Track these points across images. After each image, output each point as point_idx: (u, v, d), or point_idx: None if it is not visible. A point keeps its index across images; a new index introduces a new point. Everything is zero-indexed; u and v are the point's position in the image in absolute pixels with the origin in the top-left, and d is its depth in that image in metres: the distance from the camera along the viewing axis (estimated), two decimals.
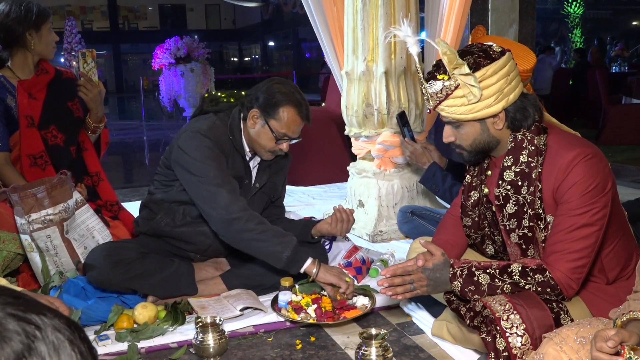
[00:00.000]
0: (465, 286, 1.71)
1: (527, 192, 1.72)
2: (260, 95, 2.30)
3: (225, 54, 33.04)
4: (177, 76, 10.21)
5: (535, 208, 1.71)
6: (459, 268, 1.73)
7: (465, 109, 1.71)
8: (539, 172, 1.70)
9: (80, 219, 2.35)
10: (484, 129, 1.75)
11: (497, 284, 1.69)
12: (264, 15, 26.40)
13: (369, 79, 3.22)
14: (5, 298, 0.56)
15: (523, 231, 1.76)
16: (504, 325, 1.60)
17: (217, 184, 2.21)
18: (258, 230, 2.17)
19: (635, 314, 1.29)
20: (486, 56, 1.69)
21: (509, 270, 1.70)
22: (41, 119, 2.53)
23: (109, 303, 2.17)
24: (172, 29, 25.67)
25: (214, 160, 2.24)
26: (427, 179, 2.75)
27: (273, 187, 2.53)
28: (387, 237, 3.21)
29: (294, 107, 2.28)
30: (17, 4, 2.47)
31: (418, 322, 2.18)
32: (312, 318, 2.15)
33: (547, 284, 1.66)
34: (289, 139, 2.32)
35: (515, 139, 1.75)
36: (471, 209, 1.94)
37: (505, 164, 1.76)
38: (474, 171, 1.94)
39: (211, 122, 2.34)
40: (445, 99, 1.72)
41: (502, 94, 1.69)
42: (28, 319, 0.55)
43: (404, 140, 2.92)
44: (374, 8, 3.14)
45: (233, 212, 2.18)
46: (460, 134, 1.79)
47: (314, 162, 4.69)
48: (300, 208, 3.86)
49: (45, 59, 2.59)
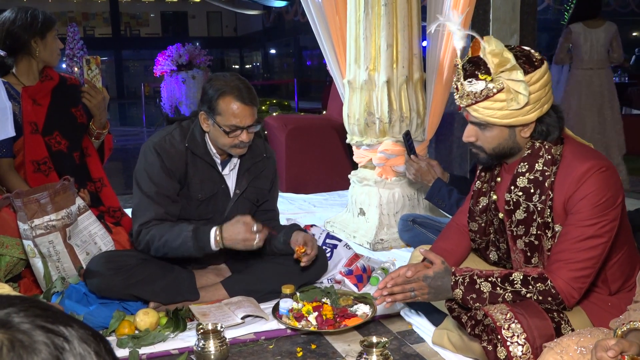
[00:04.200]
0: (467, 294, 1.72)
1: (538, 199, 1.72)
2: (202, 96, 2.31)
3: (227, 61, 33.15)
4: (179, 83, 10.24)
5: (545, 217, 1.71)
6: (460, 276, 1.74)
7: (502, 113, 1.65)
8: (552, 181, 1.70)
9: (83, 225, 2.36)
10: (511, 135, 1.72)
11: (499, 292, 1.69)
12: (266, 23, 26.50)
13: (371, 88, 3.24)
14: (35, 310, 0.57)
15: (530, 239, 1.76)
16: (505, 334, 1.60)
17: (135, 214, 2.33)
18: (162, 244, 2.25)
19: (635, 324, 1.30)
20: (530, 63, 1.63)
21: (510, 278, 1.70)
22: (45, 125, 2.54)
23: (111, 309, 2.18)
24: (174, 36, 25.78)
25: (150, 182, 2.28)
26: (432, 195, 2.77)
27: (257, 192, 2.49)
28: (387, 245, 3.22)
29: (231, 96, 2.22)
30: (23, 11, 2.49)
31: (419, 331, 2.19)
32: (313, 326, 2.15)
33: (548, 293, 1.66)
34: (241, 129, 2.25)
35: (533, 146, 1.74)
36: (479, 214, 1.93)
37: (520, 170, 1.75)
38: (484, 177, 1.93)
39: (167, 132, 2.36)
40: (484, 101, 1.65)
41: (539, 104, 1.66)
42: (56, 331, 0.56)
43: (409, 159, 2.93)
44: (376, 17, 3.17)
45: (140, 243, 2.29)
46: (485, 136, 1.73)
47: (315, 169, 4.71)
48: (301, 216, 3.87)
49: (49, 66, 2.61)
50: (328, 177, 4.68)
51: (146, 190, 2.29)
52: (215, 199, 2.40)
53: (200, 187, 2.36)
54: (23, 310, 0.57)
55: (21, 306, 0.57)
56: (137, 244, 2.32)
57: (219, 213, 2.42)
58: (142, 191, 2.30)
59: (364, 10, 3.18)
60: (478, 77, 1.64)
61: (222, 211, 2.42)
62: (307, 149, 4.71)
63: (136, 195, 2.33)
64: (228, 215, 2.41)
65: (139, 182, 2.32)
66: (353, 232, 3.37)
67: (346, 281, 2.56)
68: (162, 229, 2.25)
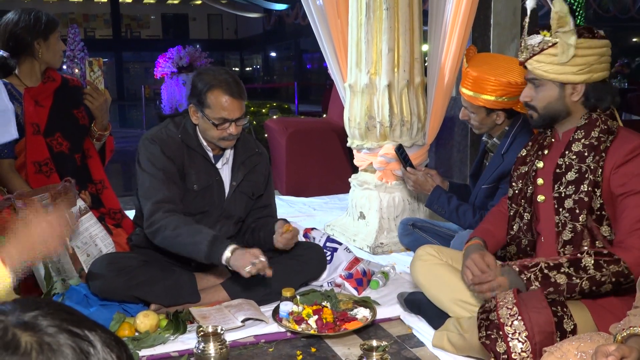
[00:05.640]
0: (544, 288, 1.72)
1: (592, 160, 1.78)
2: (191, 90, 2.34)
3: (227, 63, 33.09)
4: (179, 85, 10.25)
5: (596, 176, 1.77)
6: (530, 273, 1.74)
7: (552, 67, 1.81)
8: (607, 146, 1.78)
9: (84, 226, 2.36)
10: (560, 96, 1.85)
11: (575, 282, 1.70)
12: (266, 25, 26.51)
13: (372, 92, 3.25)
14: (61, 314, 0.59)
15: (580, 196, 1.79)
16: (507, 331, 1.62)
17: (147, 196, 2.30)
18: (174, 235, 2.22)
19: (635, 330, 1.31)
20: (589, 32, 1.81)
21: (582, 264, 1.71)
22: (47, 127, 2.55)
23: (111, 311, 2.18)
24: (175, 38, 25.76)
25: (154, 167, 2.29)
26: (432, 202, 2.78)
27: (252, 186, 2.51)
28: (387, 249, 3.22)
29: (220, 89, 2.25)
30: (27, 13, 2.50)
31: (419, 335, 2.19)
32: (313, 329, 2.15)
33: (621, 274, 1.68)
34: (229, 122, 2.28)
35: (590, 117, 1.84)
36: (516, 180, 2.01)
37: (576, 137, 1.84)
38: (531, 147, 2.02)
39: (162, 126, 2.40)
40: (539, 54, 1.83)
41: (589, 68, 1.79)
42: (82, 335, 0.57)
43: (405, 171, 2.94)
44: (378, 21, 3.18)
45: (153, 224, 2.25)
46: (538, 95, 1.88)
47: (315, 173, 4.71)
48: (301, 219, 3.87)
49: (52, 67, 2.62)
50: (328, 181, 4.68)
51: (154, 174, 2.30)
52: (211, 191, 2.41)
53: (195, 178, 2.38)
54: (50, 314, 0.58)
55: (47, 309, 0.59)
56: (148, 223, 2.26)
57: (216, 206, 2.43)
58: (150, 174, 2.30)
59: (366, 14, 3.19)
60: (538, 32, 1.84)
61: (219, 204, 2.44)
62: (307, 152, 4.72)
63: (144, 179, 2.30)
64: (225, 207, 2.44)
65: (145, 169, 2.31)
66: (353, 236, 3.37)
67: (346, 285, 2.56)
68: (179, 221, 2.22)
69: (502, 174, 2.50)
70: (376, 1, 3.15)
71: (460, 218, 2.66)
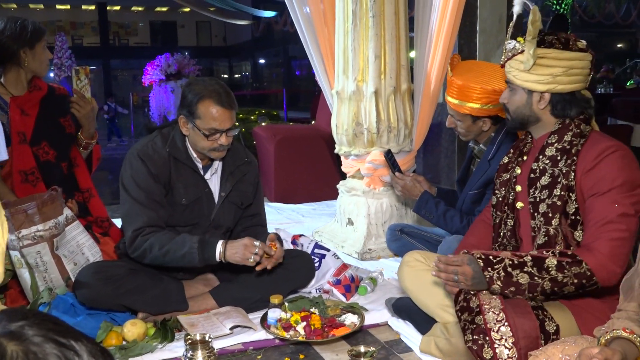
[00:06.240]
0: (505, 288, 1.72)
1: (564, 164, 1.80)
2: (181, 100, 2.34)
3: (216, 71, 33.15)
4: (168, 92, 10.25)
5: (569, 180, 1.78)
6: (494, 271, 1.73)
7: (519, 74, 1.87)
8: (579, 150, 1.80)
9: (71, 235, 2.35)
10: (528, 102, 1.89)
11: (537, 282, 1.70)
12: (255, 32, 26.54)
13: (359, 99, 3.27)
14: (47, 324, 0.60)
15: (553, 200, 1.80)
16: (494, 337, 1.63)
17: (126, 220, 2.34)
18: (162, 254, 2.26)
19: (618, 332, 1.32)
20: (563, 43, 1.83)
21: (545, 265, 1.70)
22: (33, 136, 2.54)
23: (98, 320, 2.17)
24: (163, 46, 25.75)
25: (137, 188, 2.30)
26: (420, 208, 2.80)
27: (241, 195, 2.51)
28: (376, 255, 3.23)
29: (210, 99, 2.26)
30: (13, 21, 2.49)
31: (406, 340, 2.20)
32: (301, 335, 2.15)
33: (583, 276, 1.68)
34: (220, 132, 2.29)
35: (564, 122, 1.87)
36: (499, 188, 2.03)
37: (549, 142, 1.87)
38: (512, 154, 2.04)
39: (149, 140, 2.40)
40: (510, 59, 1.90)
41: (553, 79, 1.82)
42: (67, 345, 0.58)
43: (393, 177, 2.96)
44: (364, 29, 3.20)
45: (136, 249, 2.29)
46: (511, 99, 1.94)
47: (303, 179, 4.72)
48: (290, 225, 3.88)
49: (38, 76, 2.61)
50: (317, 187, 4.69)
51: (136, 197, 2.31)
52: (200, 203, 2.41)
53: (184, 192, 2.38)
54: (36, 324, 0.59)
55: (34, 319, 0.60)
56: (131, 250, 2.32)
57: (205, 217, 2.43)
58: (131, 197, 2.31)
59: (352, 21, 3.21)
60: (516, 38, 1.90)
61: (208, 215, 2.43)
62: (295, 159, 4.73)
63: (125, 201, 2.34)
64: (214, 218, 2.43)
65: (128, 190, 2.33)
66: (341, 242, 3.38)
67: (334, 291, 2.56)
68: (163, 239, 2.27)
69: (489, 180, 2.52)
70: (362, 9, 3.18)
71: (448, 223, 2.68)
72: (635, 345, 1.30)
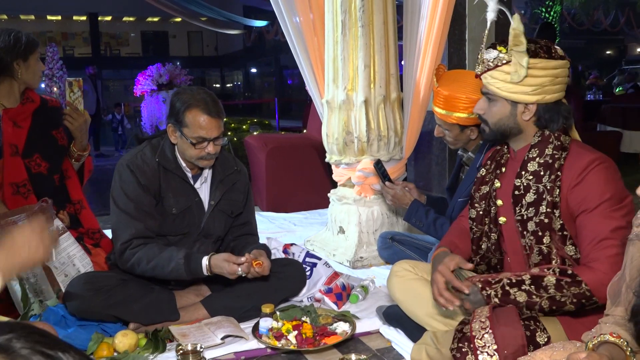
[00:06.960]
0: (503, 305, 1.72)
1: (548, 180, 1.78)
2: (170, 109, 2.36)
3: (208, 80, 33.12)
4: (159, 103, 10.23)
5: (554, 196, 1.76)
6: (492, 290, 1.73)
7: (505, 85, 1.81)
8: (562, 164, 1.78)
9: (62, 246, 2.35)
10: (512, 114, 1.84)
11: (535, 300, 1.70)
12: (246, 42, 26.59)
13: (349, 108, 3.29)
14: (34, 336, 0.60)
15: (540, 218, 1.79)
16: (477, 344, 1.63)
17: (115, 232, 2.35)
18: (150, 268, 2.29)
19: (606, 337, 1.33)
20: (546, 51, 1.78)
21: (543, 284, 1.70)
22: (25, 148, 2.53)
23: (89, 331, 2.17)
24: (154, 56, 25.69)
25: (126, 199, 2.32)
26: (410, 216, 2.81)
27: (231, 204, 2.52)
28: (367, 263, 3.24)
29: (197, 108, 2.28)
30: (6, 33, 2.49)
31: (398, 348, 2.20)
32: (292, 344, 2.16)
33: (582, 296, 1.67)
34: (207, 141, 2.31)
35: (543, 134, 1.83)
36: (478, 201, 1.99)
37: (531, 156, 1.83)
38: (489, 166, 2.00)
39: (138, 150, 2.42)
40: (493, 69, 1.82)
41: (541, 89, 1.78)
42: (55, 357, 0.59)
43: (384, 186, 2.97)
44: (353, 39, 3.22)
45: (126, 262, 2.32)
46: (491, 110, 1.88)
47: (295, 188, 4.73)
48: (282, 234, 3.88)
49: (31, 88, 2.61)
50: (308, 196, 4.70)
51: (124, 208, 2.32)
52: (190, 212, 2.42)
53: (174, 201, 2.39)
54: (23, 337, 0.60)
55: (21, 332, 0.60)
56: (121, 262, 2.34)
57: (195, 226, 2.44)
58: (120, 209, 2.33)
59: (342, 31, 3.23)
60: (495, 47, 1.83)
61: (198, 224, 2.44)
62: (287, 167, 4.74)
63: (114, 213, 2.35)
64: (204, 227, 2.44)
65: (116, 201, 2.34)
66: (333, 250, 3.39)
67: (326, 299, 2.57)
68: (150, 253, 2.28)
69: None
70: (351, 19, 3.21)
71: (438, 231, 2.69)
72: (623, 350, 1.31)
